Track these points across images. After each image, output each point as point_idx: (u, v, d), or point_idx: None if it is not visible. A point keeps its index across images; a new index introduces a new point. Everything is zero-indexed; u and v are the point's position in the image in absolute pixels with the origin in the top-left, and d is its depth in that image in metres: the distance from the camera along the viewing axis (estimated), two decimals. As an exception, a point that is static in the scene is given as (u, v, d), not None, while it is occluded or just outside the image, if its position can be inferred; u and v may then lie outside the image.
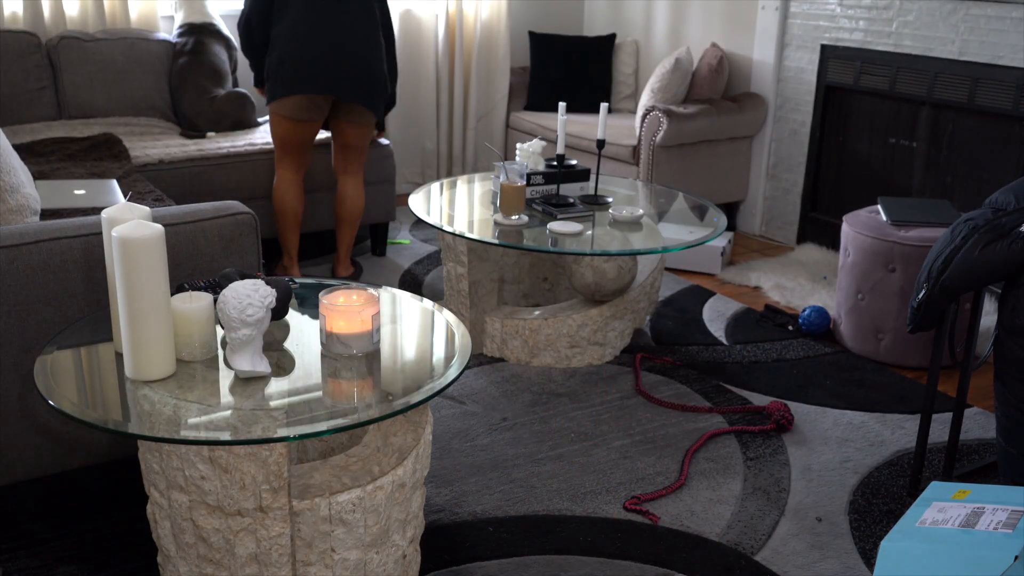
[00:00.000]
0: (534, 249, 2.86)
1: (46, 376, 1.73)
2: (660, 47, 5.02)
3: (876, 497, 2.42)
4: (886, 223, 3.19)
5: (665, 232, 3.05)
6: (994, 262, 2.09)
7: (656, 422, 2.76)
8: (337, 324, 1.82)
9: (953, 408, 2.61)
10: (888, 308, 3.16)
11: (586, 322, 3.05)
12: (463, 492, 2.38)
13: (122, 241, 1.63)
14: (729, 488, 2.44)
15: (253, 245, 2.24)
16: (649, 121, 4.20)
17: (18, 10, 4.01)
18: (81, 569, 2.03)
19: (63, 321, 2.03)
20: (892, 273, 3.12)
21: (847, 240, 3.26)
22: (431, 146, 5.11)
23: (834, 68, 4.13)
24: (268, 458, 1.63)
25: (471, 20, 5.07)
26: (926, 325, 2.27)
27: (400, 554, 1.88)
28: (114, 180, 3.05)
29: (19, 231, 1.99)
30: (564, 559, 2.13)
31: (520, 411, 2.80)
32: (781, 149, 4.48)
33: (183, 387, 1.70)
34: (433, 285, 3.81)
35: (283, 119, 3.42)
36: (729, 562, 2.15)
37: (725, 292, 3.87)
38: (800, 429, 2.75)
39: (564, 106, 3.10)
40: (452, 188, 3.43)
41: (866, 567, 2.14)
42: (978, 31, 3.55)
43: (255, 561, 1.71)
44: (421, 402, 1.71)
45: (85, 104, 3.94)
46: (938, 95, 3.73)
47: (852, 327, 3.28)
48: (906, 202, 3.32)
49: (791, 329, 3.47)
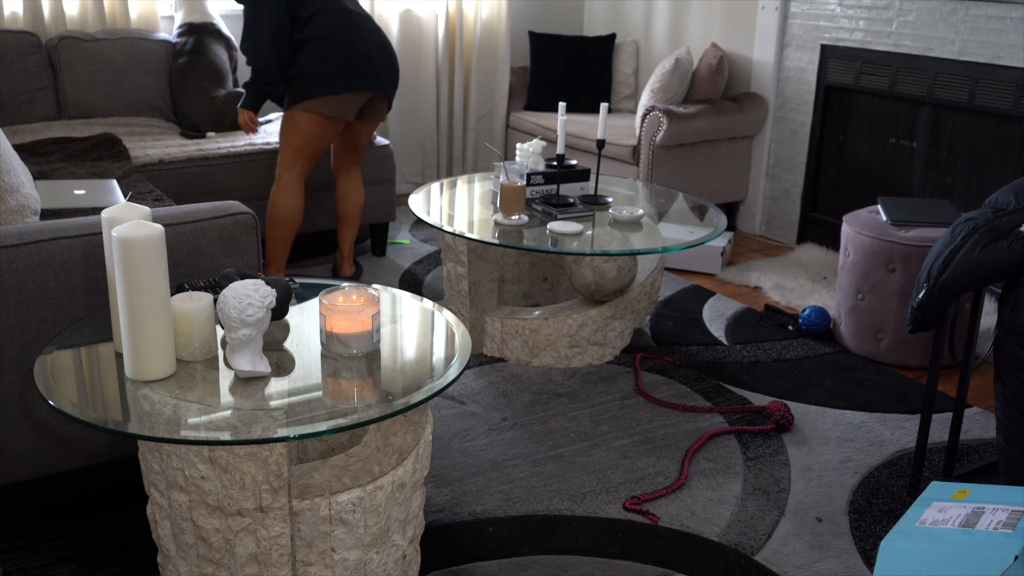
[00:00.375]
0: (534, 249, 2.86)
1: (46, 376, 1.73)
2: (660, 47, 5.02)
3: (876, 497, 2.42)
4: (886, 223, 3.19)
5: (665, 232, 3.05)
6: (994, 262, 2.09)
7: (656, 422, 2.76)
8: (337, 324, 1.81)
9: (953, 408, 2.61)
10: (888, 308, 3.16)
11: (586, 322, 3.05)
12: (463, 492, 2.38)
13: (122, 241, 1.63)
14: (729, 488, 2.44)
15: (253, 245, 2.24)
16: (649, 121, 4.20)
17: (18, 10, 4.01)
18: (81, 569, 2.03)
19: (63, 321, 2.03)
20: (892, 273, 3.12)
21: (847, 240, 3.26)
22: (431, 146, 5.11)
23: (834, 68, 4.13)
24: (268, 458, 1.63)
25: (471, 20, 5.07)
26: (926, 325, 2.27)
27: (400, 554, 1.88)
28: (114, 180, 3.05)
29: (19, 231, 1.99)
30: (564, 559, 2.13)
31: (520, 411, 2.80)
32: (781, 149, 4.48)
33: (183, 387, 1.70)
34: (433, 285, 3.81)
35: (320, 119, 3.34)
36: (729, 562, 2.15)
37: (725, 292, 3.87)
38: (800, 429, 2.75)
39: (564, 106, 3.10)
40: (452, 188, 3.43)
41: (866, 567, 2.14)
42: (978, 31, 3.55)
43: (255, 561, 1.71)
44: (421, 402, 1.71)
45: (85, 104, 3.94)
46: (938, 95, 3.73)
47: (852, 327, 3.28)
48: (906, 202, 3.32)
49: (791, 329, 3.47)
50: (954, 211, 3.27)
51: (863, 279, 3.20)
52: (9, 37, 3.79)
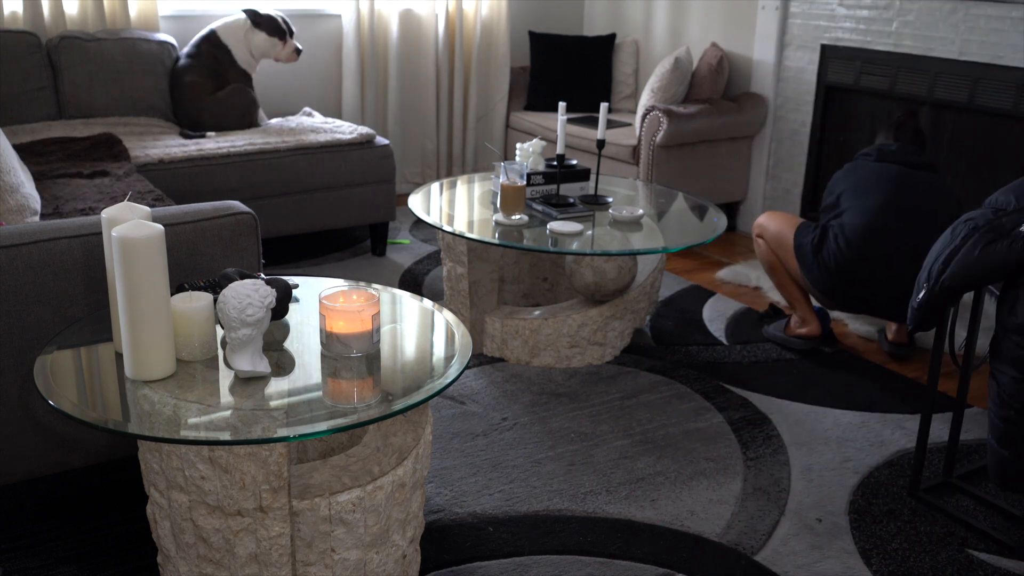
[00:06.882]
0: (534, 249, 2.85)
1: (46, 376, 1.73)
2: (660, 47, 5.02)
3: (876, 497, 2.42)
4: (886, 223, 3.18)
5: (665, 232, 3.05)
6: (994, 262, 2.08)
7: (656, 422, 2.76)
8: (337, 324, 1.81)
9: (953, 408, 2.61)
10: (888, 308, 3.16)
11: (586, 322, 3.05)
12: (463, 492, 2.38)
13: (122, 241, 1.63)
14: (729, 488, 2.44)
15: (253, 245, 2.24)
16: (649, 121, 4.20)
17: (18, 10, 4.01)
18: (81, 569, 2.03)
19: (63, 321, 2.03)
20: (892, 273, 3.12)
21: (847, 240, 3.26)
22: (431, 146, 5.11)
23: (834, 68, 4.13)
24: (268, 458, 1.63)
25: (471, 20, 5.07)
26: (927, 325, 2.27)
27: (400, 554, 1.88)
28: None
29: (19, 231, 1.99)
30: (564, 559, 2.13)
31: (520, 411, 2.80)
32: (781, 149, 4.48)
33: (183, 387, 1.70)
34: (433, 285, 3.81)
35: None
36: (729, 562, 2.14)
37: (725, 292, 3.87)
38: (800, 429, 2.75)
39: (564, 106, 3.10)
40: (452, 188, 3.43)
41: (866, 567, 2.14)
42: (978, 31, 3.55)
43: (255, 561, 1.71)
44: (421, 402, 1.71)
45: (85, 104, 3.93)
46: (938, 95, 3.73)
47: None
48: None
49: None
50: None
51: (863, 279, 3.20)
52: (9, 37, 3.79)
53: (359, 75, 4.77)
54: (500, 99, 5.17)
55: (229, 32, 4.13)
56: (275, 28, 4.15)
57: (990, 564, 2.17)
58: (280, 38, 4.17)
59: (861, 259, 2.96)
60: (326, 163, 3.87)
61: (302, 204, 3.86)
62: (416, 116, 5.06)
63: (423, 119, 5.06)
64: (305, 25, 4.72)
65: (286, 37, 4.19)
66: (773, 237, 3.23)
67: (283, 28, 4.18)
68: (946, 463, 2.49)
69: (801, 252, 3.10)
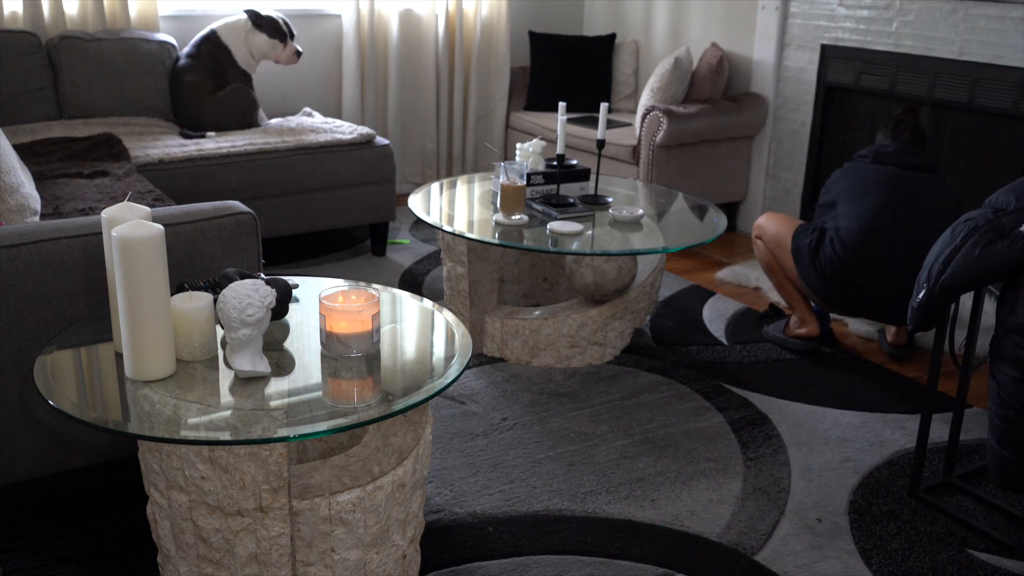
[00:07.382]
0: (534, 249, 2.85)
1: (46, 376, 1.73)
2: (660, 47, 5.02)
3: (876, 497, 2.42)
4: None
5: (665, 232, 3.05)
6: (994, 262, 2.08)
7: (656, 422, 2.76)
8: (337, 324, 1.81)
9: (953, 408, 2.61)
10: (888, 308, 3.16)
11: (586, 322, 3.05)
12: (463, 492, 2.38)
13: (122, 241, 1.63)
14: (729, 488, 2.44)
15: (253, 245, 2.24)
16: (649, 121, 4.20)
17: (18, 10, 4.01)
18: (81, 569, 2.03)
19: (63, 321, 2.02)
20: (892, 273, 3.12)
21: (847, 240, 3.26)
22: (431, 146, 5.11)
23: (834, 68, 4.13)
24: (268, 458, 1.63)
25: (471, 19, 5.07)
26: (927, 325, 2.27)
27: (400, 554, 1.88)
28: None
29: (19, 231, 1.99)
30: (564, 559, 2.13)
31: (520, 411, 2.80)
32: (781, 149, 4.47)
33: (183, 387, 1.70)
34: (433, 285, 3.81)
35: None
36: (729, 562, 2.14)
37: (725, 292, 3.87)
38: (800, 429, 2.75)
39: (564, 106, 3.10)
40: (452, 188, 3.43)
41: (866, 567, 2.14)
42: (978, 31, 3.55)
43: (255, 561, 1.71)
44: (421, 402, 1.71)
45: (85, 104, 3.93)
46: (938, 95, 3.73)
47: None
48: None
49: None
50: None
51: (863, 279, 3.20)
52: (9, 37, 3.79)
53: (359, 75, 4.77)
54: (500, 99, 5.17)
55: (229, 32, 4.13)
56: (276, 30, 4.15)
57: (990, 564, 2.17)
58: (281, 40, 4.17)
59: (857, 263, 2.96)
60: (326, 163, 3.87)
61: (302, 204, 3.86)
62: (416, 116, 5.06)
63: (423, 119, 5.06)
64: (305, 25, 4.72)
65: (287, 39, 4.19)
66: (772, 239, 3.23)
67: (284, 30, 4.18)
68: (946, 463, 2.49)
69: (798, 255, 3.11)
